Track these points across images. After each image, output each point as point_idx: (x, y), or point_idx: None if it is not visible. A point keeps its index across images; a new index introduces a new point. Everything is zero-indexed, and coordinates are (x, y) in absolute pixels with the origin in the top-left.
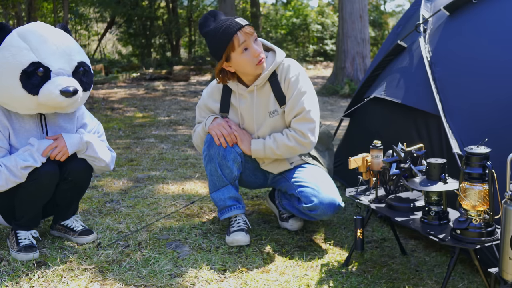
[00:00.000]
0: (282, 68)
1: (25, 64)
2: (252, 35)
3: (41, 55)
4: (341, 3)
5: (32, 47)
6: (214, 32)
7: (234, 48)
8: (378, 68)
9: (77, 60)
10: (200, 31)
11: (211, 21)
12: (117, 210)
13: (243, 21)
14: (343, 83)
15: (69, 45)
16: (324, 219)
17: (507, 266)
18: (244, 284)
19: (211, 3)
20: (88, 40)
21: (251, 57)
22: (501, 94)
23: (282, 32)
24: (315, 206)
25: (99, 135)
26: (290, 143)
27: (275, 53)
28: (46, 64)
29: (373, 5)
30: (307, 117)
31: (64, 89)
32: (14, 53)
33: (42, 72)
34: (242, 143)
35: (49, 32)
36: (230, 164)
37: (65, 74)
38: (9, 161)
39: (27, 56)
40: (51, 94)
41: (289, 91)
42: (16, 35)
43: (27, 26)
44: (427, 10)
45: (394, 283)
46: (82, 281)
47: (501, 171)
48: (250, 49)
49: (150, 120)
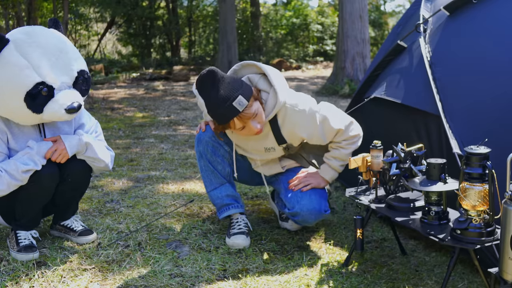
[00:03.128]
0: (285, 112)
1: (29, 86)
2: (251, 117)
3: (43, 72)
4: (341, 3)
5: (33, 64)
6: (209, 106)
7: (231, 127)
8: (378, 68)
9: (77, 70)
10: (198, 90)
11: (208, 88)
12: (117, 210)
13: (242, 103)
14: (343, 83)
15: (67, 53)
16: (308, 225)
17: (507, 266)
18: (244, 284)
19: (211, 3)
20: (88, 40)
21: (249, 131)
22: (501, 94)
23: (282, 32)
24: (296, 213)
25: (96, 134)
26: (348, 150)
27: (276, 94)
28: (50, 83)
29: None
30: (338, 133)
31: (69, 108)
32: (17, 73)
33: (46, 91)
34: (319, 183)
35: (46, 41)
36: (221, 159)
37: (66, 87)
38: (9, 166)
39: (31, 77)
40: (57, 113)
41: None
42: (14, 48)
43: (23, 36)
44: (427, 10)
45: (394, 283)
46: (82, 281)
47: (501, 171)
48: (248, 127)
49: (150, 120)
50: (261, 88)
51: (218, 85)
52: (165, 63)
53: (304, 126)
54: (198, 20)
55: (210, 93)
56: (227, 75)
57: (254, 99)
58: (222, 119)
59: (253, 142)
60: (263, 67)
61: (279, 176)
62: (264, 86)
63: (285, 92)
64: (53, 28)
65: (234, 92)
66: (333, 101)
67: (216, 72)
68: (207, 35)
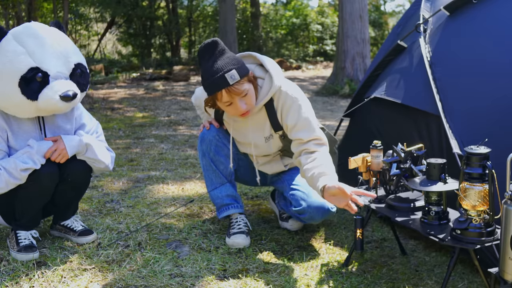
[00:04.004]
0: (279, 96)
1: (23, 70)
2: (240, 94)
3: (38, 59)
4: (341, 3)
5: (29, 51)
6: (203, 75)
7: (218, 100)
8: (378, 68)
9: (74, 62)
10: (198, 57)
11: (207, 57)
12: (117, 210)
13: (234, 77)
14: (343, 83)
15: (65, 46)
16: (314, 222)
17: (507, 266)
18: (244, 284)
19: (211, 3)
20: (88, 40)
21: (235, 110)
22: (501, 94)
23: (282, 32)
24: (303, 210)
25: (97, 135)
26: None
27: (272, 78)
28: (44, 69)
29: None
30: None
31: (63, 94)
32: (12, 59)
33: (40, 77)
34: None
35: (44, 33)
36: (223, 159)
37: (62, 77)
38: (8, 164)
39: (25, 61)
40: (51, 99)
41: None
42: (11, 38)
43: (22, 28)
44: (427, 10)
45: (394, 283)
46: (82, 281)
47: (501, 171)
48: (234, 104)
49: (150, 120)
50: (257, 75)
51: (217, 55)
52: (165, 63)
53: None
54: (198, 20)
55: (208, 62)
56: (229, 51)
57: (248, 80)
58: (211, 89)
59: (252, 132)
60: (259, 56)
61: (282, 175)
62: (260, 73)
63: (280, 77)
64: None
65: (230, 66)
66: (333, 101)
67: (219, 43)
68: (207, 35)
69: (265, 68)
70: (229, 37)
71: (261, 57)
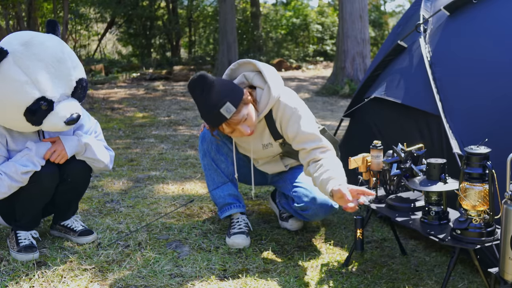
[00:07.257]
0: (278, 107)
1: (29, 102)
2: (239, 122)
3: (43, 88)
4: (341, 3)
5: (33, 79)
6: (199, 110)
7: (221, 131)
8: (378, 68)
9: (75, 79)
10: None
11: (198, 93)
12: (117, 210)
13: (230, 109)
14: (343, 83)
15: (66, 64)
16: (317, 219)
17: (507, 266)
18: (244, 284)
19: (211, 3)
20: (88, 40)
21: (240, 134)
22: (501, 93)
23: (282, 32)
24: (306, 206)
25: (96, 134)
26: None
27: (270, 89)
28: (49, 97)
29: (373, 5)
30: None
31: (68, 120)
32: (17, 89)
33: (46, 105)
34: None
35: (44, 52)
36: (224, 158)
37: (65, 97)
38: (9, 168)
39: (31, 93)
40: (56, 125)
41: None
42: (13, 62)
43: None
44: (427, 10)
45: (394, 283)
46: (82, 281)
47: (501, 171)
48: (237, 130)
49: (150, 120)
50: (256, 84)
51: (207, 91)
52: (165, 63)
53: (292, 124)
54: (198, 20)
55: (200, 99)
56: (217, 80)
57: (244, 104)
58: (211, 124)
59: (251, 139)
60: (258, 64)
61: (283, 174)
62: (259, 83)
63: (279, 88)
64: (51, 32)
65: (223, 99)
66: (333, 101)
67: (206, 77)
68: (207, 35)
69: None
70: (229, 37)
71: (260, 65)
